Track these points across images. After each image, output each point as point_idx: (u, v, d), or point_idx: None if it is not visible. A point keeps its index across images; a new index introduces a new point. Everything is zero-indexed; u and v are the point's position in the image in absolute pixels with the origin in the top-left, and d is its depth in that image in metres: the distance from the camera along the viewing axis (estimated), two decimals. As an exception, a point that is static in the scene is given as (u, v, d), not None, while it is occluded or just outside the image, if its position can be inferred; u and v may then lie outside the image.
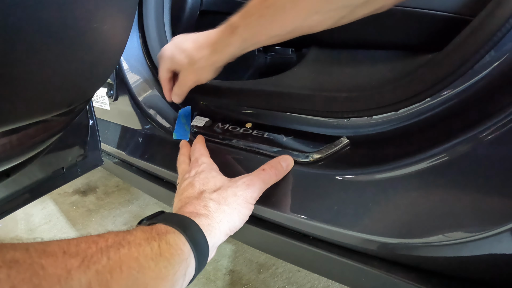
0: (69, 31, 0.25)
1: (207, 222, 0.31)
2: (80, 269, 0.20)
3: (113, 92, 0.66)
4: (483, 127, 0.28)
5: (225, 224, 0.33)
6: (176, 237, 0.28)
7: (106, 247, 0.23)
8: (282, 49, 1.09)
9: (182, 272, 0.26)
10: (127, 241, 0.24)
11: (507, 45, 0.30)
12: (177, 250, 0.27)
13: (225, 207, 0.34)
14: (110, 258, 0.22)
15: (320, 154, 0.38)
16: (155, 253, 0.25)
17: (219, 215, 0.33)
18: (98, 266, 0.21)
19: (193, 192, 0.36)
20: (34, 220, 1.18)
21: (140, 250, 0.24)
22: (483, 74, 0.31)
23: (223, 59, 0.41)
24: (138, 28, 0.66)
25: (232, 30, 0.38)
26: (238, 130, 0.47)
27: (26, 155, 0.39)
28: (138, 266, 0.23)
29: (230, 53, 0.40)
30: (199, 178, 0.37)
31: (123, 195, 1.31)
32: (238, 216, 0.34)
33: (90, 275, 0.20)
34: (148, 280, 0.23)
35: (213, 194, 0.35)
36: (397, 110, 0.36)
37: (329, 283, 0.83)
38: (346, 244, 0.36)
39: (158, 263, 0.24)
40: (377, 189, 0.32)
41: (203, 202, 0.34)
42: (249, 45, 0.38)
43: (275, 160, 0.38)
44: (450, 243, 0.28)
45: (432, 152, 0.30)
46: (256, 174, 0.37)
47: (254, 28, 0.36)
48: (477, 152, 0.28)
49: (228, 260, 0.94)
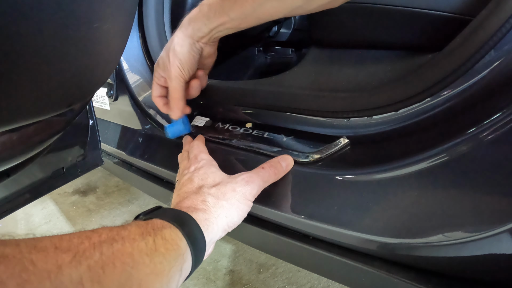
0: (69, 31, 0.25)
1: (204, 217, 0.31)
2: (71, 264, 0.20)
3: (113, 92, 0.66)
4: (483, 127, 0.28)
5: (223, 220, 0.33)
6: (173, 232, 0.27)
7: (99, 242, 0.22)
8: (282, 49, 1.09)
9: (178, 267, 0.26)
10: (121, 236, 0.24)
11: (507, 45, 0.30)
12: (173, 245, 0.26)
13: (224, 202, 0.33)
14: (103, 253, 0.21)
15: (320, 154, 0.38)
16: (150, 248, 0.24)
17: (217, 210, 0.33)
18: (90, 261, 0.21)
19: (192, 187, 0.36)
20: (34, 220, 1.18)
21: (135, 245, 0.24)
22: (483, 74, 0.31)
23: (194, 33, 0.42)
24: (138, 28, 0.66)
25: (199, 8, 0.41)
26: (238, 130, 0.47)
27: (26, 155, 0.39)
28: (132, 261, 0.23)
29: (198, 29, 0.42)
30: (198, 173, 0.37)
31: (123, 195, 1.31)
32: (236, 211, 0.34)
33: (82, 271, 0.20)
34: (142, 275, 0.23)
35: (212, 189, 0.35)
36: (397, 110, 0.36)
37: (329, 283, 0.83)
38: (346, 244, 0.36)
39: (153, 258, 0.24)
40: (377, 189, 0.32)
41: (202, 197, 0.33)
42: (216, 25, 0.40)
43: (275, 160, 0.38)
44: (450, 243, 0.28)
45: (432, 152, 0.30)
46: (256, 172, 0.37)
47: (217, 7, 0.39)
48: (477, 152, 0.28)
49: (228, 260, 0.94)
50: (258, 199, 0.36)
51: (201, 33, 0.42)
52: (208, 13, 0.40)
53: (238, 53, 1.01)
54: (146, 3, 0.65)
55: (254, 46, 1.04)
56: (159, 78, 0.46)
